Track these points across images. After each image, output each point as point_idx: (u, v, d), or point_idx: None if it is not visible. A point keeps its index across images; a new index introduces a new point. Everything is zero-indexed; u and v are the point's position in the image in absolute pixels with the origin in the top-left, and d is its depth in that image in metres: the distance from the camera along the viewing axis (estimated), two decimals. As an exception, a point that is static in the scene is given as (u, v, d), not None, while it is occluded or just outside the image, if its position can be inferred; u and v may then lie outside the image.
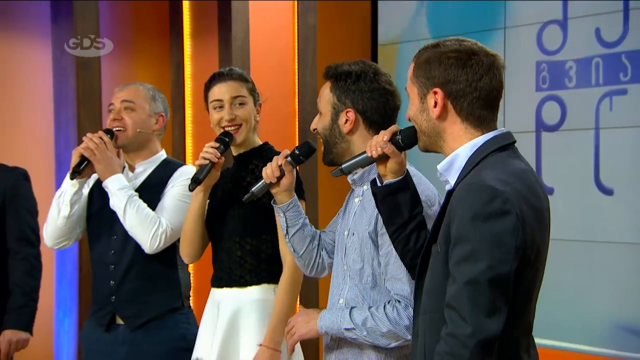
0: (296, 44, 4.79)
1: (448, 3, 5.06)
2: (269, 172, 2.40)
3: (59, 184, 4.23)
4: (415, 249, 2.14)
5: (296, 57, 4.76)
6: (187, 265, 3.13)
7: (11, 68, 4.58)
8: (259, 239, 2.80)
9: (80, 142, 4.08)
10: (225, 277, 2.82)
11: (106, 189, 2.91)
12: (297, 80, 4.77)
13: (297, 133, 4.66)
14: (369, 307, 2.21)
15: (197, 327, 3.02)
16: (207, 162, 2.70)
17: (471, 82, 1.93)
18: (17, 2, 4.62)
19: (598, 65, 4.29)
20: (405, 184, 2.12)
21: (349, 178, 2.41)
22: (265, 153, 2.84)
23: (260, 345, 2.70)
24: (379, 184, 2.12)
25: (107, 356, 2.98)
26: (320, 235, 2.60)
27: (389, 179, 2.10)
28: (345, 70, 2.39)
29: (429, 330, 1.92)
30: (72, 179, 2.91)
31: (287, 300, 2.75)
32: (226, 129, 2.79)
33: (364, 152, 2.15)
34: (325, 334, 2.31)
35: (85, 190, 3.12)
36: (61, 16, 4.47)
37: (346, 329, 2.22)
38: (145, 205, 2.91)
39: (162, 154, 3.08)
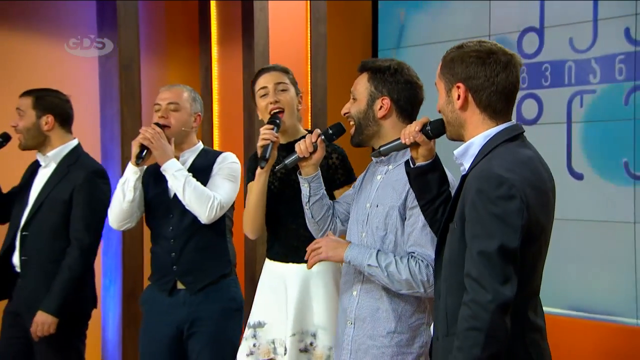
0: (309, 49, 4.83)
1: (438, 14, 5.17)
2: (303, 147, 2.48)
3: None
4: (442, 219, 2.18)
5: (309, 60, 4.81)
6: (232, 238, 3.22)
7: (63, 71, 4.74)
8: None
9: (123, 135, 4.29)
10: (292, 254, 2.86)
11: (164, 173, 2.98)
12: (309, 81, 4.82)
13: (309, 126, 4.71)
14: (394, 255, 2.29)
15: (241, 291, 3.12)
16: (268, 141, 2.74)
17: (489, 77, 1.98)
18: (68, 15, 4.79)
19: (570, 68, 4.43)
20: (434, 166, 2.19)
21: (375, 158, 2.49)
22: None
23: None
24: (411, 166, 2.20)
25: (169, 316, 3.06)
26: (334, 206, 2.67)
27: (420, 162, 2.18)
28: (382, 65, 2.48)
29: (449, 295, 1.99)
30: (136, 165, 2.98)
31: None
32: (272, 112, 2.83)
33: (399, 139, 2.23)
34: (348, 263, 2.37)
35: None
36: (106, 26, 4.62)
37: (369, 265, 2.29)
38: (199, 183, 2.97)
39: (200, 145, 3.18)
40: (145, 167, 3.05)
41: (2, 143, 3.34)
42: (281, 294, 2.83)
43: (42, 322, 3.09)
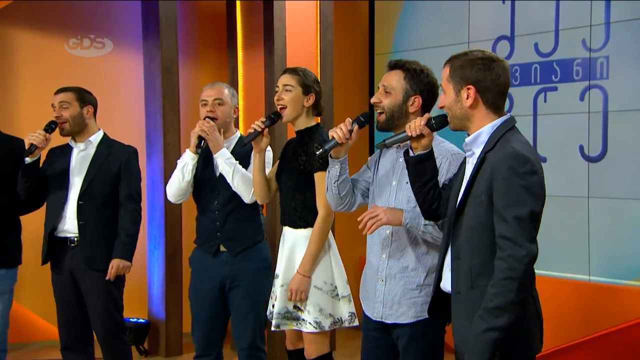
0: (319, 54, 4.90)
1: (424, 23, 5.23)
2: (341, 134, 2.46)
3: (149, 157, 4.63)
4: (431, 198, 2.27)
5: (319, 63, 4.88)
6: (263, 212, 3.33)
7: (113, 74, 4.99)
8: (304, 195, 2.92)
9: (164, 125, 4.57)
10: (287, 218, 2.99)
11: (217, 159, 3.07)
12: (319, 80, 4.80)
13: (318, 120, 4.60)
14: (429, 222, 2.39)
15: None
16: (253, 130, 2.86)
17: (494, 80, 2.06)
18: (118, 24, 5.01)
19: (536, 69, 4.54)
20: (430, 155, 2.25)
21: (379, 148, 2.53)
22: (313, 132, 2.96)
23: (297, 271, 2.87)
24: (411, 154, 2.25)
25: (214, 273, 3.17)
26: (354, 183, 2.69)
27: (419, 151, 2.23)
28: (417, 67, 2.51)
29: (474, 254, 2.03)
30: (196, 153, 3.08)
31: (318, 241, 2.86)
32: (278, 106, 2.93)
33: (404, 132, 2.27)
34: (405, 225, 2.39)
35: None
36: (150, 35, 4.80)
37: (425, 225, 2.37)
38: (244, 170, 3.07)
39: (238, 133, 3.28)
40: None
41: (52, 129, 3.35)
42: (282, 251, 3.01)
43: (119, 265, 3.29)
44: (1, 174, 3.37)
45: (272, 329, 2.93)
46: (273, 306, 2.98)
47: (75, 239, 3.32)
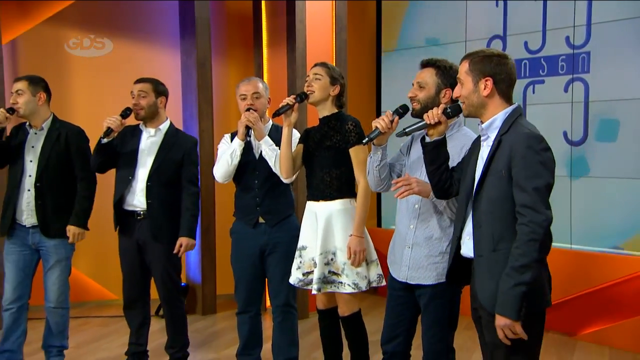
0: (334, 52, 4.94)
1: (424, 23, 5.29)
2: (383, 124, 2.49)
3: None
4: (444, 179, 2.33)
5: (334, 60, 4.90)
6: (292, 189, 3.39)
7: (155, 69, 4.93)
8: (339, 170, 2.98)
9: (199, 114, 4.69)
10: (319, 193, 3.01)
11: (261, 145, 3.16)
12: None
13: None
14: None
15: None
16: (286, 104, 2.93)
17: (508, 73, 2.12)
18: (157, 24, 5.08)
19: (526, 64, 4.64)
20: (444, 141, 2.31)
21: (399, 136, 2.48)
22: (340, 117, 3.03)
23: (351, 235, 2.91)
24: (427, 140, 2.32)
25: (253, 241, 3.26)
26: (391, 167, 2.72)
27: (435, 137, 2.29)
28: (446, 64, 2.56)
29: (495, 222, 2.07)
30: (244, 140, 3.15)
31: (364, 205, 2.93)
32: (307, 91, 2.98)
33: (422, 120, 2.31)
34: (431, 199, 2.47)
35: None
36: (186, 34, 4.92)
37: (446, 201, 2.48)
38: None
39: (271, 121, 3.34)
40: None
41: (127, 115, 3.34)
42: (314, 224, 3.02)
43: (187, 244, 3.41)
44: (47, 157, 3.39)
45: (313, 292, 2.96)
46: (304, 274, 3.04)
47: (142, 213, 3.40)
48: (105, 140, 3.34)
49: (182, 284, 4.78)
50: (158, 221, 3.41)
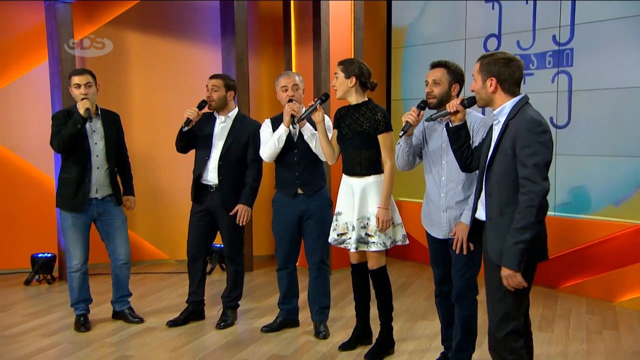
0: (352, 49, 5.02)
1: (427, 23, 5.29)
2: (413, 119, 2.68)
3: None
4: (466, 156, 2.44)
5: (353, 56, 4.94)
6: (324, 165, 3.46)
7: (198, 66, 5.19)
8: (369, 151, 3.07)
9: (238, 105, 4.62)
10: (354, 170, 3.09)
11: (303, 131, 3.28)
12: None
13: None
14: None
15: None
16: (309, 107, 3.08)
17: (511, 74, 2.17)
18: (200, 25, 5.13)
19: None
20: (465, 125, 2.46)
21: (428, 122, 2.68)
22: (370, 106, 3.07)
23: (379, 207, 3.02)
24: (450, 125, 2.46)
25: (293, 209, 3.40)
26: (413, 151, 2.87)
27: (456, 123, 2.44)
28: (453, 65, 2.70)
29: (501, 191, 2.14)
30: (289, 127, 3.25)
31: (390, 182, 3.02)
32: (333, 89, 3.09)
33: (444, 109, 2.51)
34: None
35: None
36: (226, 33, 5.01)
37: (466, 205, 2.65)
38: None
39: (304, 109, 3.29)
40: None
41: (203, 106, 3.52)
42: (350, 195, 3.13)
43: (245, 210, 3.58)
44: (110, 139, 3.61)
45: (352, 250, 3.07)
46: (338, 235, 3.16)
47: (214, 186, 3.58)
48: (186, 129, 3.53)
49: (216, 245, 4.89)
50: (227, 194, 3.58)
